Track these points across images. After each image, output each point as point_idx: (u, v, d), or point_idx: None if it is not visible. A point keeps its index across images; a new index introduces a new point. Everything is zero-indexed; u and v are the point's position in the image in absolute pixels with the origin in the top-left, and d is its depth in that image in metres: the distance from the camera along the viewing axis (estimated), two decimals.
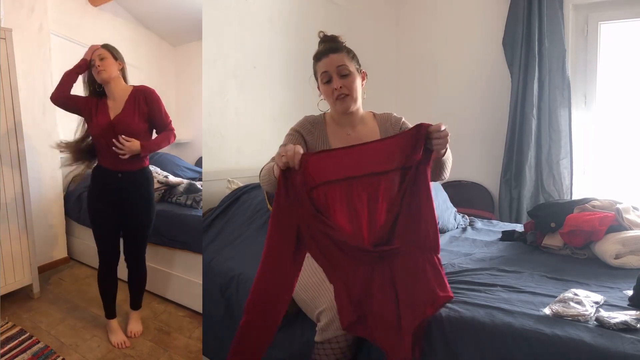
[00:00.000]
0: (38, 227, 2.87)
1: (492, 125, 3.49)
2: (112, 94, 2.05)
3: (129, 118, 2.00)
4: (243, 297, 1.75)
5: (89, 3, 3.56)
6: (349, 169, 1.32)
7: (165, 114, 2.11)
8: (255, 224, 2.15)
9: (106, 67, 2.00)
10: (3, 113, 2.41)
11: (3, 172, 2.44)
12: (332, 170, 1.31)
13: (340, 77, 1.49)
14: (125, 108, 2.01)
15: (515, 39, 3.20)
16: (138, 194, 2.08)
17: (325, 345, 1.36)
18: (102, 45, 2.06)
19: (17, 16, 2.80)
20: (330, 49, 1.51)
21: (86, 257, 3.21)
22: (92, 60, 2.02)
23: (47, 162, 3.04)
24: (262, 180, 1.50)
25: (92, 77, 2.06)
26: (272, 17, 2.80)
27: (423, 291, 1.28)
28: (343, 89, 1.49)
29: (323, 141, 1.58)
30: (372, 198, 1.33)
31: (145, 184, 2.11)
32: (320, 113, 1.65)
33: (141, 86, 2.08)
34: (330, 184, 1.31)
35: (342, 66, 1.48)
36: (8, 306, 2.48)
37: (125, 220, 2.10)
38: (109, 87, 2.04)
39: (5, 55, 2.41)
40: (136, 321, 2.29)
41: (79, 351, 2.10)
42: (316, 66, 1.55)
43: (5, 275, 2.47)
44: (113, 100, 2.04)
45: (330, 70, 1.49)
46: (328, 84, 1.51)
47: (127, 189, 2.05)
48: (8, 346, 2.09)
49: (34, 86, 2.90)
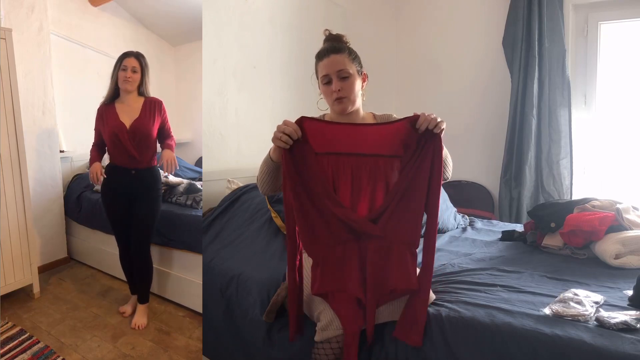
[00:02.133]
0: (38, 227, 2.87)
1: (492, 125, 3.49)
2: (128, 100, 2.27)
3: (146, 124, 2.24)
4: (243, 297, 1.75)
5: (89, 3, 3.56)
6: (354, 146, 1.39)
7: (169, 124, 2.39)
8: (255, 224, 2.14)
9: (136, 79, 2.24)
10: (3, 113, 2.41)
11: (3, 172, 2.44)
12: (337, 142, 1.39)
13: (339, 80, 1.49)
14: (142, 115, 2.25)
15: (515, 39, 3.20)
16: (147, 189, 2.30)
17: (325, 345, 1.36)
18: (136, 55, 2.24)
19: (17, 16, 2.80)
20: (332, 49, 1.51)
21: (86, 257, 3.21)
22: (124, 66, 2.20)
23: (47, 162, 3.04)
24: (260, 179, 1.52)
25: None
26: (272, 17, 2.80)
27: (392, 275, 1.35)
28: (342, 92, 1.49)
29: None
30: (373, 178, 1.40)
31: (153, 179, 2.34)
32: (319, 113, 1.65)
33: (153, 97, 2.33)
34: (339, 155, 1.39)
35: (342, 70, 1.48)
36: (8, 306, 2.49)
37: (133, 213, 2.27)
38: (128, 95, 2.27)
39: (5, 55, 2.41)
40: (142, 315, 2.36)
41: (79, 351, 2.10)
42: (317, 65, 1.54)
43: (5, 275, 2.47)
44: (128, 106, 2.27)
45: (330, 73, 1.49)
46: (328, 85, 1.51)
47: (139, 184, 2.27)
48: (8, 346, 2.09)
49: (34, 86, 2.91)
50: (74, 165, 3.44)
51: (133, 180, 2.26)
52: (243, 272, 1.83)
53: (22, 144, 2.53)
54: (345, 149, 1.40)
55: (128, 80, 2.21)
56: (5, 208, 2.44)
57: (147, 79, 2.30)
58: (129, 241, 2.35)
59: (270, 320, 1.60)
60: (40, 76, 2.96)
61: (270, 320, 1.60)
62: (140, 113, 2.25)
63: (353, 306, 1.34)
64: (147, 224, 2.31)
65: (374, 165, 1.40)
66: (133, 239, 2.32)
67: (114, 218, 2.35)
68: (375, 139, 1.40)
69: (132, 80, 2.23)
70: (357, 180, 1.40)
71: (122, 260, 2.45)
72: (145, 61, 2.29)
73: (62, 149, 3.26)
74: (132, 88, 2.25)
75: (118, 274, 2.81)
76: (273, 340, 1.60)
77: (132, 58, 2.23)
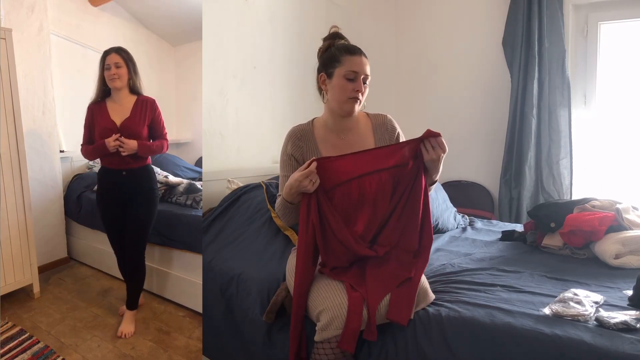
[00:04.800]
0: (38, 227, 2.87)
1: (492, 125, 3.49)
2: (119, 99, 2.21)
3: (136, 123, 2.17)
4: (243, 297, 1.75)
5: (89, 3, 3.56)
6: (360, 169, 1.44)
7: (163, 124, 2.31)
8: (255, 224, 2.14)
9: (122, 74, 2.15)
10: (3, 113, 2.41)
11: (3, 172, 2.44)
12: (343, 173, 1.43)
13: (363, 82, 1.51)
14: (133, 114, 2.18)
15: (515, 39, 3.20)
16: (141, 189, 2.23)
17: (325, 345, 1.36)
18: (117, 51, 2.16)
19: (17, 16, 2.80)
20: (361, 51, 1.53)
21: (86, 257, 3.21)
22: (107, 65, 2.14)
23: (47, 162, 3.04)
24: (283, 216, 1.56)
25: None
26: (272, 17, 2.80)
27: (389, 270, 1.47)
28: (360, 94, 1.51)
29: (313, 151, 1.58)
30: (380, 191, 1.46)
31: (147, 179, 2.26)
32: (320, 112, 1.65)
33: (146, 96, 2.26)
34: (347, 183, 1.44)
35: (367, 75, 1.52)
36: (8, 306, 2.49)
37: (128, 215, 2.21)
38: (119, 92, 2.19)
39: (5, 55, 2.41)
40: (129, 322, 2.27)
41: (79, 351, 2.10)
42: (344, 57, 1.51)
43: (5, 275, 2.47)
44: (119, 105, 2.20)
45: (360, 72, 1.50)
46: (351, 82, 1.50)
47: (131, 185, 2.21)
48: (8, 346, 2.10)
49: (34, 86, 2.91)
50: (74, 165, 3.44)
51: (125, 181, 2.19)
52: (243, 272, 1.83)
53: (22, 144, 2.53)
54: (352, 175, 1.44)
55: (114, 77, 2.13)
56: (5, 208, 2.44)
57: (135, 74, 2.21)
58: (124, 245, 2.28)
59: (270, 320, 1.60)
60: (40, 76, 2.96)
61: (270, 320, 1.60)
62: (130, 112, 2.19)
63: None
64: (142, 227, 2.23)
65: (378, 180, 1.45)
66: (127, 243, 2.24)
67: (109, 223, 2.28)
68: (378, 156, 1.45)
69: (118, 77, 2.14)
70: (361, 197, 1.46)
71: (121, 265, 2.37)
72: (129, 55, 2.19)
73: (62, 149, 3.26)
74: (122, 84, 2.17)
75: (118, 274, 2.80)
76: (273, 340, 1.60)
77: (113, 54, 2.15)
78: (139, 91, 2.25)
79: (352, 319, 1.33)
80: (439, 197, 2.59)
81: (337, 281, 1.44)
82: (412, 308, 1.40)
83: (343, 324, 1.34)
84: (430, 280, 1.60)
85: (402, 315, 1.38)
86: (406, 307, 1.39)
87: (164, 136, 2.30)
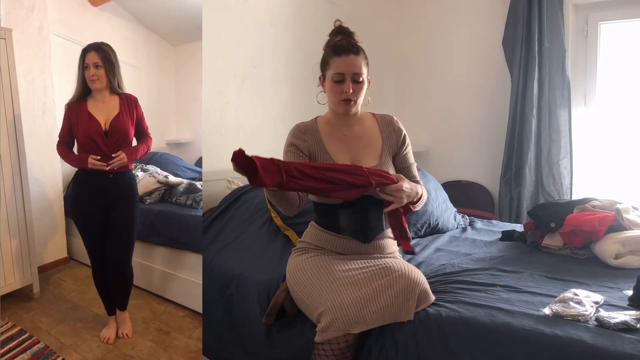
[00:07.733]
0: (38, 227, 2.87)
1: (492, 125, 3.48)
2: (102, 97, 2.10)
3: (125, 122, 2.09)
4: (243, 297, 1.75)
5: (89, 3, 3.56)
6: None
7: (146, 122, 2.24)
8: (256, 224, 2.14)
9: (101, 75, 2.04)
10: (3, 113, 2.41)
11: (3, 172, 2.44)
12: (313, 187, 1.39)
13: (352, 82, 1.48)
14: (120, 114, 2.08)
15: (515, 39, 3.20)
16: (126, 192, 2.14)
17: (325, 346, 1.36)
18: (96, 49, 2.04)
19: (17, 16, 2.80)
20: (352, 48, 1.48)
21: (86, 257, 3.17)
22: (86, 64, 2.04)
23: (47, 162, 3.04)
24: (274, 203, 1.51)
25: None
26: (272, 17, 2.80)
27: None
28: (352, 95, 1.48)
29: (318, 144, 1.58)
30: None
31: (131, 185, 2.18)
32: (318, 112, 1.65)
33: (128, 94, 2.16)
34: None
35: (357, 73, 1.47)
36: (8, 306, 2.48)
37: (111, 222, 2.12)
38: (100, 92, 2.09)
39: (5, 55, 2.41)
40: (125, 322, 2.26)
41: (79, 351, 2.10)
42: (331, 60, 1.49)
43: (5, 275, 2.47)
44: (102, 103, 2.09)
45: (345, 73, 1.46)
46: (339, 84, 1.48)
47: (116, 190, 2.11)
48: (8, 346, 2.09)
49: (34, 86, 2.90)
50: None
51: (110, 185, 2.07)
52: (243, 272, 1.83)
53: (22, 144, 2.53)
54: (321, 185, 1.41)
55: (93, 79, 2.01)
56: (5, 208, 2.44)
57: (113, 75, 2.07)
58: (103, 255, 2.16)
59: (270, 322, 1.60)
60: (40, 76, 2.96)
61: (270, 322, 1.60)
62: (118, 113, 2.07)
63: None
64: (129, 232, 2.14)
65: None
66: (111, 251, 2.14)
67: (90, 232, 2.12)
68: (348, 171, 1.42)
69: (97, 78, 2.02)
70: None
71: (97, 277, 2.23)
72: (107, 54, 2.04)
73: None
74: (101, 85, 2.05)
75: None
76: (273, 340, 1.60)
77: (92, 53, 2.01)
78: (119, 91, 2.13)
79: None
80: (439, 197, 2.59)
81: (337, 281, 1.43)
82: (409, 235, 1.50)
83: (344, 326, 1.33)
84: (430, 280, 1.60)
85: (406, 244, 1.50)
86: (405, 237, 1.50)
87: (149, 134, 2.23)
